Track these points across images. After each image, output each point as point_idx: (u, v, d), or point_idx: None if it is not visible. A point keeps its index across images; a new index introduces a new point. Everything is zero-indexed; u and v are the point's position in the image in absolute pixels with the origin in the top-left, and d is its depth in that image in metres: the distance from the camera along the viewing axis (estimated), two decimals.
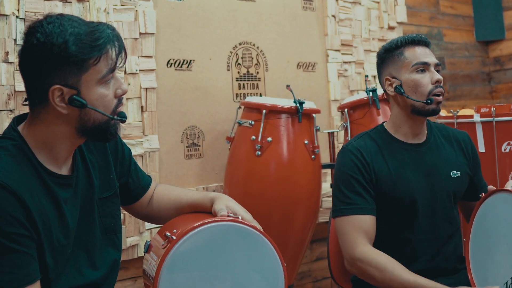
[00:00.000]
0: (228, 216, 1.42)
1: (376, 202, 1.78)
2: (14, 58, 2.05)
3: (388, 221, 1.79)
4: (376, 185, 1.78)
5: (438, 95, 1.79)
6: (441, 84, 1.81)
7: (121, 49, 1.31)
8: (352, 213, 1.75)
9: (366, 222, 1.73)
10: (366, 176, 1.78)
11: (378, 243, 1.74)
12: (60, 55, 1.22)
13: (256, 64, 2.83)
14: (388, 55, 1.88)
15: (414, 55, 1.82)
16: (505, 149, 2.51)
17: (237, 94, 2.76)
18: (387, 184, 1.78)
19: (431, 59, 1.82)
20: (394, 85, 1.84)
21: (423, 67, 1.80)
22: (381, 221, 1.77)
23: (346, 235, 1.75)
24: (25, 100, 1.32)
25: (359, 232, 1.73)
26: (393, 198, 1.78)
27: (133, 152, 1.98)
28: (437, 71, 1.83)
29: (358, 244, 1.71)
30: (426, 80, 1.79)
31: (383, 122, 1.93)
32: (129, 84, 2.35)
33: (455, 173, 1.86)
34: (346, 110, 2.58)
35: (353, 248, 1.72)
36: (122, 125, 1.41)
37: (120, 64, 1.32)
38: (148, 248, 1.49)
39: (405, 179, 1.80)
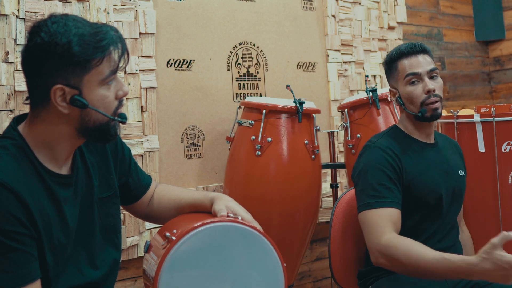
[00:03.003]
0: (228, 216, 1.43)
1: (403, 199, 1.79)
2: (14, 58, 2.05)
3: (413, 216, 1.81)
4: (405, 183, 1.80)
5: (432, 103, 1.82)
6: (435, 92, 1.82)
7: (124, 51, 1.32)
8: (380, 206, 1.74)
9: (393, 214, 1.73)
10: (398, 171, 1.79)
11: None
12: (64, 55, 1.23)
13: (256, 64, 2.83)
14: (387, 67, 1.94)
15: (404, 68, 1.86)
16: (505, 149, 2.51)
17: (237, 94, 2.76)
18: (415, 181, 1.80)
19: (423, 68, 1.83)
20: (395, 96, 1.91)
21: (414, 78, 1.83)
22: (406, 216, 1.78)
23: (373, 226, 1.73)
24: (27, 99, 1.33)
25: (387, 222, 1.72)
26: (421, 194, 1.80)
27: (133, 152, 1.98)
28: (434, 76, 1.85)
29: (385, 232, 1.70)
30: (419, 91, 1.83)
31: (394, 124, 1.96)
32: (129, 84, 2.35)
33: (461, 173, 1.94)
34: (346, 110, 2.58)
35: (379, 237, 1.70)
36: (122, 125, 1.41)
37: (122, 66, 1.32)
38: (148, 248, 1.49)
39: (431, 176, 1.83)
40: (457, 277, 1.61)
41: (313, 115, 2.45)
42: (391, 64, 1.91)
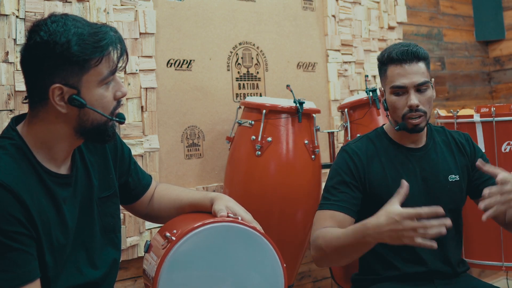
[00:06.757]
0: (228, 216, 1.43)
1: (371, 207, 1.69)
2: (14, 58, 2.05)
3: None
4: (370, 190, 1.77)
5: (413, 118, 1.73)
6: (419, 107, 1.72)
7: (123, 51, 1.32)
8: (327, 208, 1.74)
9: (338, 216, 1.70)
10: (357, 178, 1.77)
11: (378, 246, 1.72)
12: (63, 54, 1.23)
13: (256, 64, 2.83)
14: (379, 66, 1.87)
15: (392, 76, 1.75)
16: (505, 149, 2.51)
17: (237, 94, 2.76)
18: (381, 189, 1.77)
19: (410, 80, 1.71)
20: (383, 98, 1.84)
21: (399, 90, 1.74)
22: None
23: (315, 224, 1.74)
24: (25, 98, 1.33)
25: (327, 221, 1.71)
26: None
27: (133, 152, 1.97)
28: (424, 89, 1.73)
29: (320, 228, 1.69)
30: (401, 103, 1.74)
31: (383, 125, 1.94)
32: (129, 84, 2.35)
33: (453, 177, 1.85)
34: (346, 110, 2.59)
35: (314, 232, 1.70)
36: (122, 125, 1.42)
37: (121, 66, 1.32)
38: (148, 248, 1.49)
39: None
40: (361, 242, 1.51)
41: (313, 115, 2.45)
42: (381, 66, 1.83)
